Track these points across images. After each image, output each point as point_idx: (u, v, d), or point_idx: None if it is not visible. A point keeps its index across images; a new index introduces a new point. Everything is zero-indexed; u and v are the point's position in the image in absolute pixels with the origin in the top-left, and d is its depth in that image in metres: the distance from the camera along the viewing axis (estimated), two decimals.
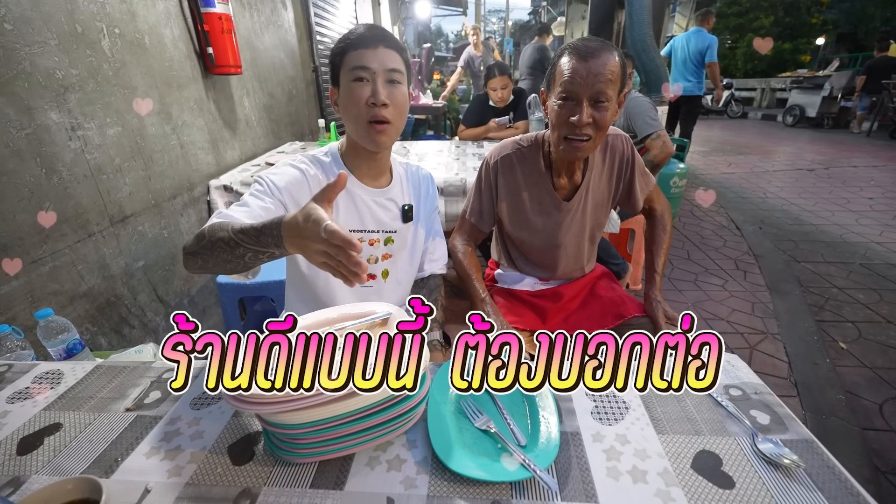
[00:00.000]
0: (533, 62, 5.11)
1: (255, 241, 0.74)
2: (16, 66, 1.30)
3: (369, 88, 0.93)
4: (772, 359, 2.22)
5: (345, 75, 0.95)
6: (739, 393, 0.77)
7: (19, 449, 0.69)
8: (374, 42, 0.93)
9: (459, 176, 2.20)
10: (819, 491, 0.58)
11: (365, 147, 1.01)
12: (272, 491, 0.61)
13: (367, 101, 0.94)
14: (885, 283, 2.92)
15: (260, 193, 0.96)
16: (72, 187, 1.47)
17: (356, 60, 0.93)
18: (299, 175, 1.01)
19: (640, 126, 2.44)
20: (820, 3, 15.39)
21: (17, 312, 1.31)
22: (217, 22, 2.12)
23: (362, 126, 0.96)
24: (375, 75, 0.93)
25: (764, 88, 12.93)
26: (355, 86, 0.94)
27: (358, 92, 0.94)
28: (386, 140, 0.99)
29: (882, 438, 1.76)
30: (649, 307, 1.23)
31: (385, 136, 0.98)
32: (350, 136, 1.04)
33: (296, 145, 3.12)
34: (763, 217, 4.28)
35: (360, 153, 1.05)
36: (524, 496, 0.60)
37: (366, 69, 0.93)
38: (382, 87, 0.94)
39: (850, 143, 7.86)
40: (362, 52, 0.93)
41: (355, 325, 0.76)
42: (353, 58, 0.93)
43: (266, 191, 0.96)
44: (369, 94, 0.93)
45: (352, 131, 1.01)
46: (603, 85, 1.02)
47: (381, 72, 0.94)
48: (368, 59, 0.93)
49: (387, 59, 0.94)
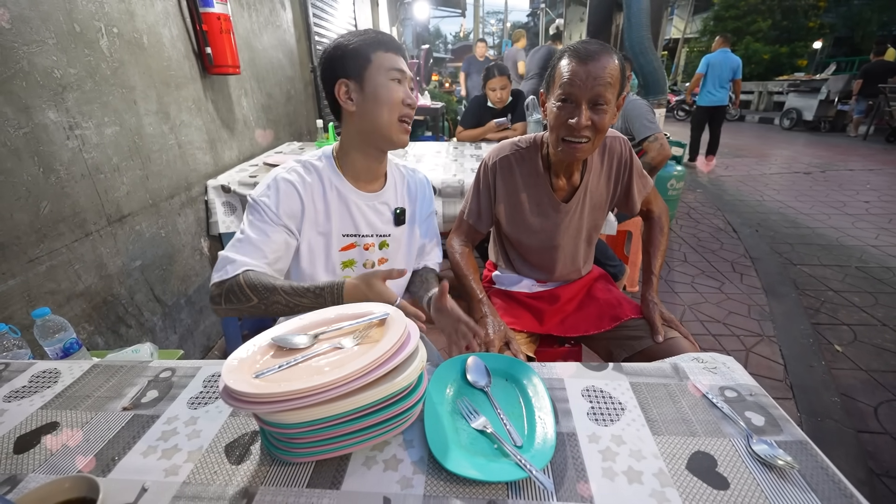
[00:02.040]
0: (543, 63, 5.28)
1: (314, 302, 0.91)
2: (14, 65, 1.30)
3: (404, 90, 1.01)
4: (767, 361, 2.23)
5: (378, 72, 0.98)
6: (734, 394, 0.78)
7: (16, 447, 0.69)
8: (402, 51, 1.02)
9: (457, 177, 2.20)
10: (813, 492, 0.59)
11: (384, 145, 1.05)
12: (269, 490, 0.61)
13: (405, 101, 1.01)
14: (881, 287, 2.93)
15: (261, 225, 0.99)
16: (69, 186, 1.47)
17: (393, 62, 0.99)
18: (290, 189, 1.01)
19: (637, 129, 2.45)
20: (817, 8, 15.46)
21: (14, 311, 1.30)
22: (216, 22, 2.12)
23: (393, 122, 1.01)
24: (407, 80, 1.02)
25: (761, 92, 12.97)
26: (393, 85, 0.99)
27: (396, 90, 0.99)
28: (407, 140, 1.05)
29: (877, 441, 1.77)
30: (646, 309, 1.23)
31: (408, 136, 1.05)
32: (370, 131, 1.02)
33: (294, 145, 3.12)
34: (760, 220, 4.30)
35: (356, 156, 1.06)
36: (520, 496, 0.60)
37: (402, 72, 1.00)
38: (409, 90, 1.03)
39: (846, 147, 7.90)
40: (396, 56, 0.99)
41: (353, 326, 0.76)
42: (390, 59, 0.99)
43: (267, 220, 0.99)
44: (405, 95, 1.01)
45: (373, 127, 1.01)
46: (602, 88, 1.02)
47: (408, 79, 1.02)
48: (402, 65, 1.00)
49: (409, 69, 1.03)
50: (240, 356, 0.67)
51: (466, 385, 0.82)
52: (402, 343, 0.66)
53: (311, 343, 0.72)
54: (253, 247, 0.97)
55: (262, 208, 0.99)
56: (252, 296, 0.92)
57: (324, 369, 0.65)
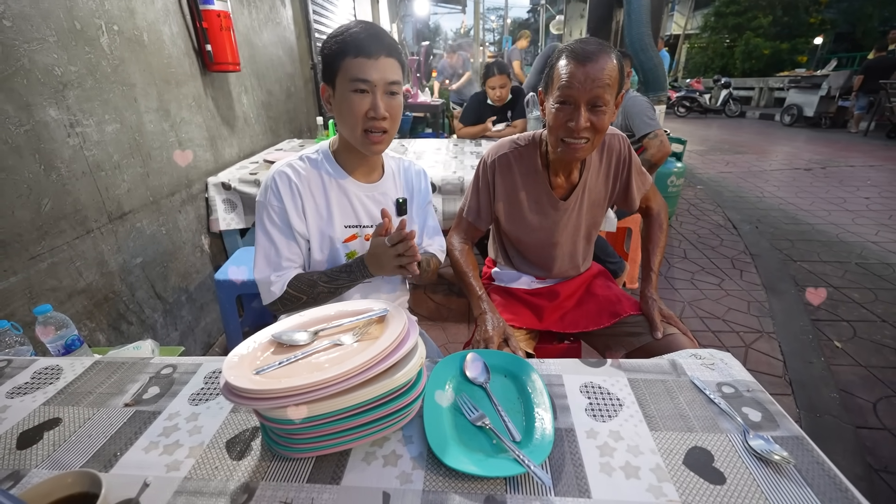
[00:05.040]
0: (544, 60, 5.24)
1: (348, 278, 1.03)
2: (15, 63, 1.30)
3: (369, 101, 0.93)
4: (767, 357, 2.23)
5: (343, 83, 0.93)
6: (732, 390, 0.78)
7: (19, 443, 0.70)
8: (375, 51, 0.90)
9: (457, 174, 2.20)
10: (808, 487, 0.59)
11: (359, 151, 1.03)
12: (269, 485, 0.62)
13: (367, 114, 0.93)
14: (880, 283, 2.93)
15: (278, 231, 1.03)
16: (70, 184, 1.48)
17: (357, 71, 0.90)
18: (288, 184, 1.02)
19: (637, 125, 2.45)
20: (818, 3, 15.39)
21: (15, 308, 1.31)
22: (216, 19, 2.12)
23: (359, 134, 0.97)
24: (376, 88, 0.92)
25: (762, 88, 12.95)
26: (355, 97, 0.92)
27: (358, 104, 0.93)
28: (382, 148, 1.01)
29: (875, 436, 1.77)
30: (645, 305, 1.24)
31: (381, 144, 1.00)
32: (345, 137, 1.04)
33: (294, 143, 3.12)
34: (760, 216, 4.29)
35: (352, 151, 1.06)
36: (518, 491, 0.61)
37: (366, 82, 0.91)
38: (381, 99, 0.93)
39: (847, 143, 7.88)
40: (363, 61, 0.90)
41: (352, 322, 0.77)
42: (354, 67, 0.90)
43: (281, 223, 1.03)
44: (369, 107, 0.93)
45: (347, 135, 1.01)
46: (601, 90, 1.02)
47: (382, 84, 0.92)
48: (369, 72, 0.90)
49: (388, 72, 0.92)
50: (241, 353, 0.68)
51: (465, 381, 0.82)
52: (401, 339, 0.67)
53: (312, 340, 0.72)
54: (282, 257, 1.03)
55: (273, 211, 1.02)
56: (301, 296, 1.03)
57: (324, 366, 0.65)
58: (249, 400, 0.59)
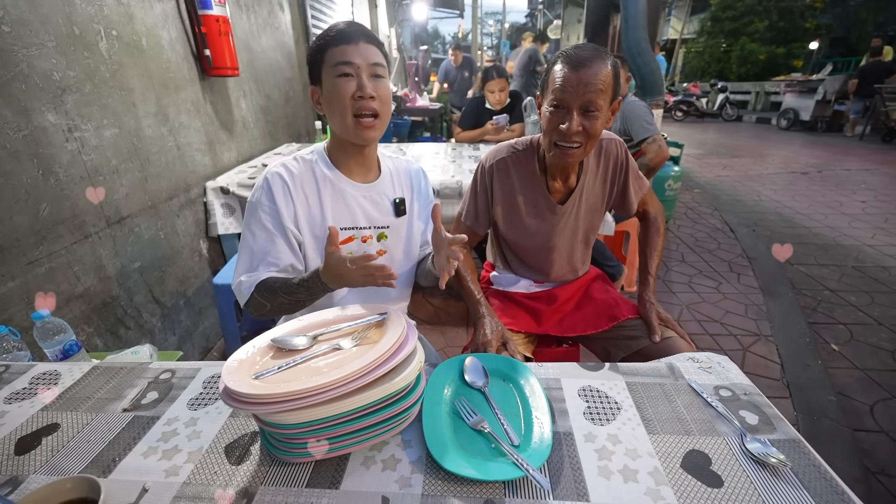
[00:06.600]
0: (523, 65, 5.46)
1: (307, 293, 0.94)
2: (13, 68, 1.30)
3: (355, 83, 0.94)
4: (764, 360, 2.24)
5: (328, 72, 0.95)
6: (729, 394, 0.79)
7: (17, 449, 0.70)
8: (355, 37, 0.94)
9: (455, 178, 2.21)
10: (805, 489, 0.60)
11: (352, 142, 1.02)
12: (269, 490, 0.62)
13: (354, 95, 0.94)
14: (877, 286, 2.95)
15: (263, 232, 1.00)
16: (68, 188, 1.48)
17: (339, 56, 0.93)
18: (281, 184, 1.01)
19: (636, 130, 2.46)
20: (814, 8, 15.50)
21: (13, 313, 1.31)
22: (214, 24, 2.13)
23: (349, 121, 0.96)
24: (360, 70, 0.94)
25: (758, 92, 13.00)
26: (340, 81, 0.94)
27: (344, 87, 0.94)
28: (374, 134, 1.00)
29: (872, 439, 1.78)
30: (643, 309, 1.24)
31: (373, 130, 0.99)
32: (336, 132, 1.03)
33: (292, 147, 3.13)
34: (757, 220, 4.31)
35: (346, 150, 1.05)
36: (517, 495, 0.61)
37: (350, 64, 0.93)
38: (368, 80, 0.95)
39: (843, 147, 7.92)
40: (345, 47, 0.93)
41: (351, 327, 0.77)
42: (336, 54, 0.93)
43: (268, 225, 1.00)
44: (355, 88, 0.94)
45: (338, 128, 1.01)
46: (593, 95, 1.03)
47: (366, 66, 0.94)
48: (352, 54, 0.93)
49: (369, 54, 0.95)
50: (239, 357, 0.68)
51: (464, 385, 0.83)
52: (400, 344, 0.67)
53: (311, 344, 0.73)
54: (257, 259, 1.00)
55: (263, 212, 1.00)
56: (265, 303, 0.97)
57: (323, 370, 0.65)
58: (248, 404, 0.59)
